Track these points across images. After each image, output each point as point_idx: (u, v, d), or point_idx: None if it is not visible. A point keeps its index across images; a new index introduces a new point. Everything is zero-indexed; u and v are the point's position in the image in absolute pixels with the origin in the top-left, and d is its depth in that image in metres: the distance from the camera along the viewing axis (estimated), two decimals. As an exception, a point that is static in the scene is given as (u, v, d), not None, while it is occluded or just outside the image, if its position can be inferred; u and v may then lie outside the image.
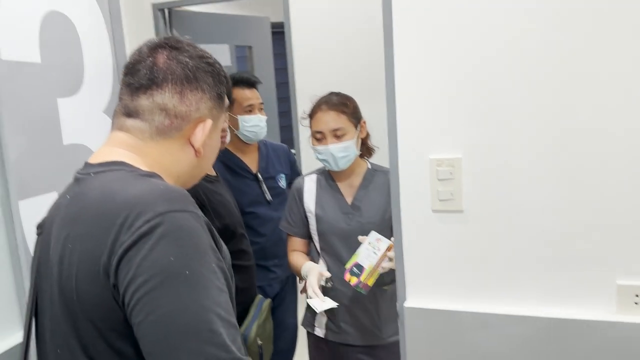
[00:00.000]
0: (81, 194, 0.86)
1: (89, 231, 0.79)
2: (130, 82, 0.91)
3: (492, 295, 1.30)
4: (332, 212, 1.89)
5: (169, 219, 0.76)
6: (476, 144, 1.24)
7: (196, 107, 0.92)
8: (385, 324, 1.89)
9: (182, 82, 0.90)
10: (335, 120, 1.81)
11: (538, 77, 1.18)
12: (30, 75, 1.23)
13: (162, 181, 0.87)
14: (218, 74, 0.96)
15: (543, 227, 1.23)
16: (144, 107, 0.90)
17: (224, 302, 0.76)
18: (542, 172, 1.21)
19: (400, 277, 1.37)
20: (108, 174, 0.86)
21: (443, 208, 1.29)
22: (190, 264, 0.74)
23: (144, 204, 0.77)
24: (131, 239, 0.75)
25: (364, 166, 1.94)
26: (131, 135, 0.91)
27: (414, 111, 1.28)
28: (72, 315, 0.81)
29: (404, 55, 1.27)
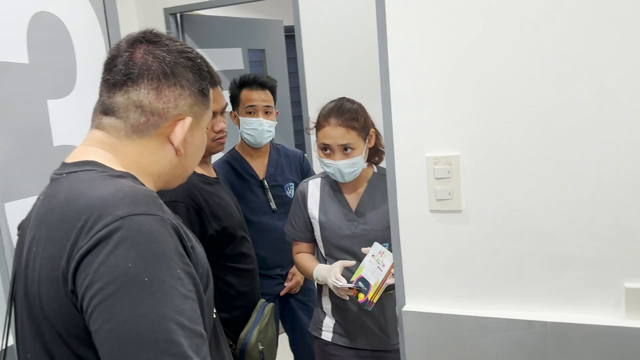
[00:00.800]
0: (51, 195, 0.84)
1: (51, 235, 0.77)
2: (107, 79, 0.88)
3: (493, 298, 1.24)
4: (336, 219, 1.84)
5: (129, 223, 0.72)
6: (475, 141, 1.19)
7: (174, 104, 0.88)
8: (392, 329, 1.84)
9: (158, 77, 0.86)
10: (344, 137, 1.73)
11: (537, 71, 1.13)
12: (18, 76, 1.22)
13: (131, 182, 0.83)
14: (199, 69, 0.92)
15: (546, 227, 1.17)
16: (120, 104, 0.86)
17: (188, 309, 0.72)
18: (544, 169, 1.15)
19: (398, 280, 1.32)
20: (79, 174, 0.83)
21: (441, 208, 1.24)
22: (150, 270, 0.71)
23: (105, 206, 0.74)
24: (89, 244, 0.72)
25: (369, 171, 1.89)
26: (107, 133, 0.88)
27: (409, 108, 1.23)
28: (37, 321, 0.79)
29: (398, 52, 1.23)
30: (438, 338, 1.28)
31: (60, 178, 0.85)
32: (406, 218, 1.28)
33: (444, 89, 1.20)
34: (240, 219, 1.76)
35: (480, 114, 1.18)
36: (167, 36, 0.92)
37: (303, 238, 1.93)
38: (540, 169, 1.16)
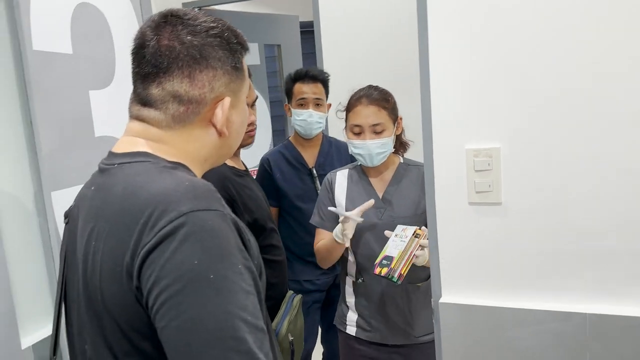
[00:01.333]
0: (105, 187, 0.83)
1: (112, 229, 0.77)
2: (137, 70, 0.86)
3: (532, 290, 1.25)
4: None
5: (193, 219, 0.72)
6: (516, 133, 1.20)
7: (210, 88, 0.85)
8: (418, 323, 1.85)
9: (189, 64, 0.83)
10: (375, 115, 1.77)
11: (581, 63, 1.13)
12: (63, 66, 1.23)
13: (187, 175, 0.82)
14: (228, 43, 0.87)
15: (587, 220, 1.18)
16: (156, 96, 0.84)
17: (250, 305, 0.72)
18: (586, 162, 1.16)
19: (435, 272, 1.33)
20: (133, 165, 0.83)
21: (480, 200, 1.25)
22: (215, 267, 0.71)
23: (168, 201, 0.74)
24: (154, 240, 0.72)
25: (396, 161, 1.91)
26: (150, 125, 0.86)
27: (450, 100, 1.24)
28: (97, 314, 0.80)
29: (439, 43, 1.23)
30: (475, 330, 1.29)
31: (112, 168, 0.85)
32: (444, 210, 1.29)
33: (485, 81, 1.20)
34: (269, 211, 1.78)
35: (522, 107, 1.18)
36: (190, 14, 0.87)
37: (330, 227, 1.93)
38: (582, 161, 1.16)
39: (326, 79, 2.29)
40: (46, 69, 1.18)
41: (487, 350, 1.28)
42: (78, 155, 1.26)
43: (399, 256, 1.66)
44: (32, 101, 1.13)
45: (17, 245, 1.16)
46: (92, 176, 0.92)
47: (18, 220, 1.17)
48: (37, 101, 1.14)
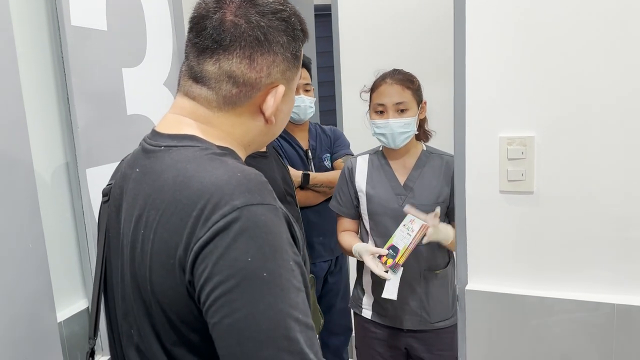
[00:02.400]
0: (153, 172, 0.81)
1: (163, 219, 0.75)
2: (195, 42, 0.82)
3: (560, 279, 1.25)
4: (384, 191, 1.86)
5: (246, 214, 0.71)
6: (551, 123, 1.19)
7: (267, 73, 0.82)
8: (434, 309, 1.86)
9: (251, 45, 0.80)
10: (399, 94, 1.78)
11: (617, 50, 1.13)
12: (98, 43, 1.23)
13: (238, 163, 0.80)
14: (293, 29, 0.85)
15: (618, 211, 1.18)
16: (210, 73, 0.81)
17: (301, 302, 0.72)
18: (620, 154, 1.16)
19: (461, 259, 1.33)
20: (181, 150, 0.80)
21: (512, 189, 1.25)
22: (268, 264, 0.70)
23: (221, 194, 0.72)
24: (207, 235, 0.71)
25: (419, 147, 1.90)
26: (199, 104, 0.84)
27: (484, 87, 1.23)
28: (146, 303, 0.80)
29: (475, 30, 1.22)
30: (501, 318, 1.30)
31: (159, 151, 0.82)
32: (474, 197, 1.29)
33: (522, 68, 1.20)
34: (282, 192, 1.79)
35: (557, 95, 1.18)
36: None
37: (347, 214, 1.95)
38: (616, 153, 1.16)
39: (309, 64, 2.29)
40: (83, 45, 1.17)
41: (512, 338, 1.29)
42: (111, 133, 1.25)
43: (404, 250, 1.69)
44: (69, 77, 1.13)
45: (50, 221, 1.16)
46: (134, 155, 0.88)
47: (53, 197, 1.17)
48: (74, 77, 1.14)
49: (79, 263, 1.24)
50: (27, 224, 1.02)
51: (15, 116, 0.99)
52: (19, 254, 1.00)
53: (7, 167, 0.97)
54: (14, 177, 0.99)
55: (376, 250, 1.75)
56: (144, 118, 1.36)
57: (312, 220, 2.26)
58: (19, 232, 1.00)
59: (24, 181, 1.01)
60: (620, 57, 1.12)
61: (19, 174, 1.00)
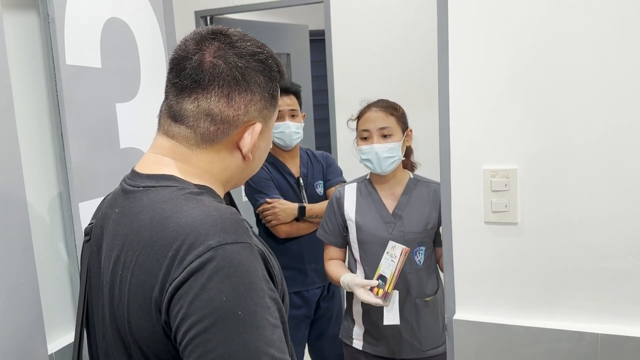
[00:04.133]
0: (131, 213, 0.83)
1: (140, 260, 0.77)
2: (175, 82, 0.85)
3: (545, 309, 1.27)
4: (373, 220, 1.87)
5: (221, 253, 0.72)
6: (533, 155, 1.23)
7: (245, 111, 0.85)
8: (426, 337, 1.86)
9: (229, 84, 0.83)
10: (383, 120, 1.82)
11: (599, 86, 1.16)
12: (92, 79, 1.26)
13: (214, 201, 0.82)
14: (270, 70, 0.88)
15: (600, 241, 1.21)
16: (189, 112, 0.83)
17: (277, 339, 0.73)
18: (602, 185, 1.19)
19: (449, 289, 1.35)
20: (159, 190, 0.82)
21: (496, 220, 1.27)
22: (243, 303, 0.71)
23: (196, 234, 0.73)
24: (182, 275, 0.72)
25: (406, 176, 1.93)
26: (177, 142, 0.86)
27: (468, 120, 1.27)
28: (125, 342, 0.81)
29: (459, 62, 1.26)
30: (488, 347, 1.32)
31: (137, 192, 0.84)
32: (460, 229, 1.31)
33: (503, 102, 1.23)
34: None
35: (539, 129, 1.21)
36: (238, 34, 0.87)
37: (334, 242, 1.96)
38: (598, 184, 1.19)
39: (298, 91, 2.33)
40: (77, 82, 1.21)
41: (500, 367, 1.31)
42: (105, 167, 1.28)
43: (391, 278, 1.70)
44: (63, 113, 1.16)
45: (43, 254, 1.18)
46: (114, 195, 0.91)
47: (45, 230, 1.19)
48: (68, 114, 1.17)
49: (70, 294, 1.25)
50: (20, 259, 1.04)
51: (9, 151, 1.01)
52: (11, 288, 1.02)
53: (1, 201, 0.99)
54: (7, 212, 1.01)
55: (366, 283, 1.76)
56: (137, 151, 1.39)
57: (305, 248, 2.27)
58: (12, 267, 1.02)
59: (18, 216, 1.03)
60: (600, 93, 1.16)
61: (12, 209, 1.02)
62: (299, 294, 2.26)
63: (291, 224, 2.23)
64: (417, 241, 1.82)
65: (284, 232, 2.23)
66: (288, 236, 2.23)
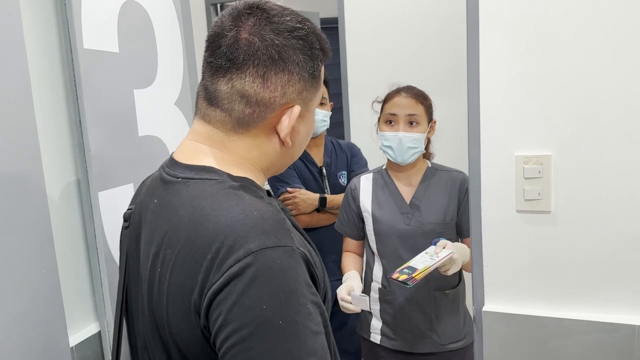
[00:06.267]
0: (170, 206, 0.80)
1: (178, 260, 0.74)
2: (210, 61, 0.80)
3: (578, 300, 1.23)
4: (390, 211, 1.82)
5: (261, 259, 0.69)
6: (567, 141, 1.18)
7: (282, 92, 0.80)
8: (445, 330, 1.81)
9: (265, 63, 0.78)
10: (412, 107, 1.75)
11: (633, 69, 1.11)
12: (109, 65, 1.22)
13: (255, 200, 0.77)
14: (311, 48, 0.82)
15: (636, 228, 1.16)
16: (223, 93, 0.80)
17: (319, 348, 0.70)
18: (637, 170, 1.14)
19: (477, 280, 1.31)
20: (198, 184, 0.79)
21: (529, 208, 1.23)
22: (283, 311, 0.68)
23: (236, 236, 0.70)
24: (221, 281, 0.69)
25: (423, 164, 1.87)
26: (215, 128, 0.82)
27: (499, 105, 1.22)
28: (164, 341, 0.79)
29: (489, 46, 1.21)
30: (518, 339, 1.27)
31: (177, 183, 0.81)
32: (490, 218, 1.27)
33: (538, 86, 1.18)
34: None
35: (574, 113, 1.16)
36: (276, 8, 0.81)
37: (350, 234, 1.92)
38: (635, 172, 1.14)
39: (327, 79, 2.28)
40: (95, 67, 1.17)
41: (530, 360, 1.27)
42: (123, 155, 1.25)
43: (424, 269, 1.61)
44: (81, 100, 1.12)
45: (62, 245, 1.15)
46: (153, 182, 0.87)
47: (65, 221, 1.17)
48: (86, 100, 1.13)
49: (90, 286, 1.23)
50: (40, 251, 1.01)
51: (28, 141, 0.98)
52: (32, 280, 0.99)
53: (20, 192, 0.96)
54: (27, 204, 0.98)
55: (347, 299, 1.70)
56: (156, 139, 1.36)
57: (325, 239, 2.22)
58: (32, 258, 0.99)
59: (37, 208, 1.00)
60: (638, 73, 1.11)
61: (32, 200, 0.99)
62: None
63: (311, 214, 2.19)
64: (435, 232, 1.78)
65: (304, 223, 2.19)
66: (307, 227, 2.19)
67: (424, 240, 1.76)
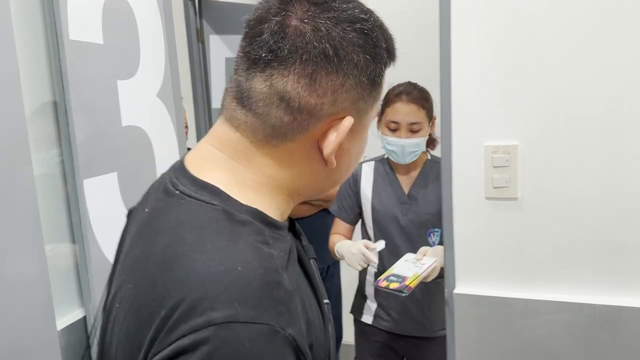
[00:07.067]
0: (153, 225, 0.65)
1: (135, 305, 0.60)
2: (247, 50, 0.64)
3: (544, 282, 1.30)
4: (389, 201, 1.89)
5: (223, 336, 0.52)
6: (534, 131, 1.25)
7: (332, 99, 0.63)
8: (436, 317, 1.89)
9: (315, 60, 0.61)
10: (415, 114, 1.78)
11: (597, 63, 1.18)
12: (94, 56, 1.25)
13: (249, 246, 0.60)
14: (375, 47, 0.65)
15: (598, 215, 1.24)
16: (259, 93, 0.64)
17: None
18: (600, 161, 1.21)
19: (449, 263, 1.38)
20: (192, 206, 0.63)
21: (497, 195, 1.30)
22: None
23: (201, 295, 0.54)
24: (166, 353, 0.53)
25: (423, 157, 1.93)
26: (241, 135, 0.66)
27: (470, 98, 1.28)
28: None
29: (461, 40, 1.27)
30: (488, 320, 1.34)
31: (173, 197, 0.66)
32: (461, 204, 1.33)
33: (506, 80, 1.25)
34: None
35: (540, 105, 1.23)
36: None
37: (345, 218, 1.97)
38: (597, 160, 1.22)
39: None
40: (80, 58, 1.19)
41: (500, 339, 1.34)
42: (107, 144, 1.28)
43: (414, 276, 1.62)
44: (67, 90, 1.15)
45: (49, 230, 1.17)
46: (159, 184, 0.71)
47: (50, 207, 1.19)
48: (72, 90, 1.16)
49: (75, 271, 1.25)
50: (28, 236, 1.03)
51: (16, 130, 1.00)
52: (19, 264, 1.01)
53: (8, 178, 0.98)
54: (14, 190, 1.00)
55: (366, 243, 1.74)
56: (139, 129, 1.39)
57: (306, 230, 2.25)
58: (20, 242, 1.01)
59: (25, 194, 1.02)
60: (600, 69, 1.18)
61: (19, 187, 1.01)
62: None
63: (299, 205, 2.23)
64: (431, 222, 1.84)
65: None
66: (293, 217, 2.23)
67: (420, 230, 1.84)
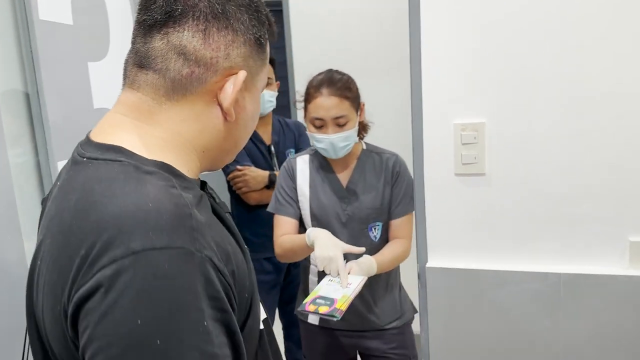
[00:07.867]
0: (65, 189, 0.67)
1: (55, 254, 0.63)
2: (143, 19, 0.70)
3: (512, 254, 1.36)
4: (327, 196, 1.78)
5: (142, 262, 0.56)
6: (499, 110, 1.29)
7: (225, 53, 0.70)
8: (382, 311, 1.81)
9: (206, 17, 0.68)
10: (338, 107, 1.65)
11: (560, 42, 1.23)
12: (64, 37, 1.24)
13: (159, 188, 0.63)
14: (258, 11, 0.73)
15: (560, 188, 1.29)
16: (157, 50, 0.68)
17: None
18: (562, 137, 1.27)
19: (421, 238, 1.42)
20: (100, 165, 0.66)
21: (466, 171, 1.34)
22: (164, 328, 0.55)
23: (117, 230, 0.57)
24: (90, 284, 0.56)
25: (358, 147, 1.81)
26: (143, 95, 0.70)
27: (439, 77, 1.32)
28: (42, 343, 0.69)
29: (430, 24, 1.30)
30: (459, 291, 1.39)
31: (81, 164, 0.68)
32: (431, 180, 1.37)
33: (472, 61, 1.29)
34: None
35: (506, 84, 1.28)
36: None
37: (291, 213, 1.79)
38: (559, 136, 1.27)
39: (273, 58, 2.28)
40: (50, 39, 1.18)
41: (471, 310, 1.39)
42: (79, 127, 1.26)
43: (344, 298, 1.47)
44: (39, 71, 1.14)
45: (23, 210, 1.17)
46: (65, 167, 0.74)
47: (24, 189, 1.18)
48: (44, 71, 1.15)
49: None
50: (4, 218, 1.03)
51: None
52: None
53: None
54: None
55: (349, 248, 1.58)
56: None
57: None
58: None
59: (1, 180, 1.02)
60: (561, 48, 1.23)
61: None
62: (269, 260, 2.29)
63: (261, 191, 2.25)
64: (372, 217, 1.75)
65: (254, 199, 2.24)
66: (258, 203, 2.25)
67: (361, 225, 1.74)
